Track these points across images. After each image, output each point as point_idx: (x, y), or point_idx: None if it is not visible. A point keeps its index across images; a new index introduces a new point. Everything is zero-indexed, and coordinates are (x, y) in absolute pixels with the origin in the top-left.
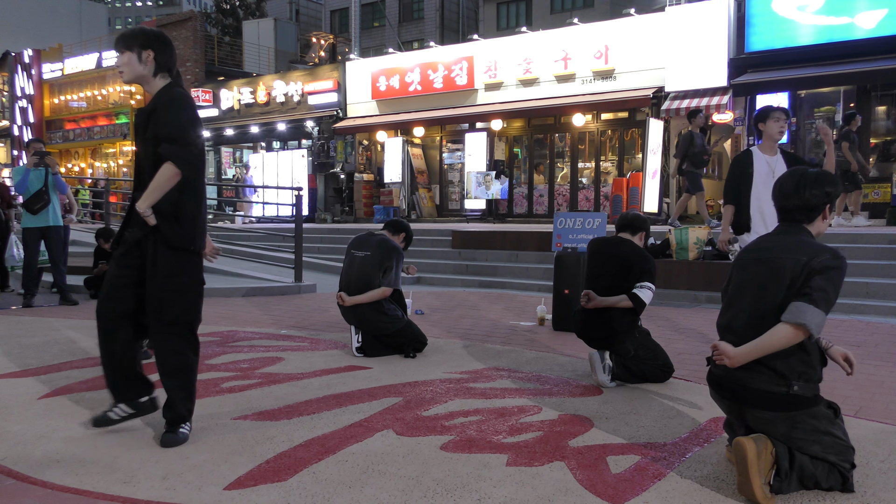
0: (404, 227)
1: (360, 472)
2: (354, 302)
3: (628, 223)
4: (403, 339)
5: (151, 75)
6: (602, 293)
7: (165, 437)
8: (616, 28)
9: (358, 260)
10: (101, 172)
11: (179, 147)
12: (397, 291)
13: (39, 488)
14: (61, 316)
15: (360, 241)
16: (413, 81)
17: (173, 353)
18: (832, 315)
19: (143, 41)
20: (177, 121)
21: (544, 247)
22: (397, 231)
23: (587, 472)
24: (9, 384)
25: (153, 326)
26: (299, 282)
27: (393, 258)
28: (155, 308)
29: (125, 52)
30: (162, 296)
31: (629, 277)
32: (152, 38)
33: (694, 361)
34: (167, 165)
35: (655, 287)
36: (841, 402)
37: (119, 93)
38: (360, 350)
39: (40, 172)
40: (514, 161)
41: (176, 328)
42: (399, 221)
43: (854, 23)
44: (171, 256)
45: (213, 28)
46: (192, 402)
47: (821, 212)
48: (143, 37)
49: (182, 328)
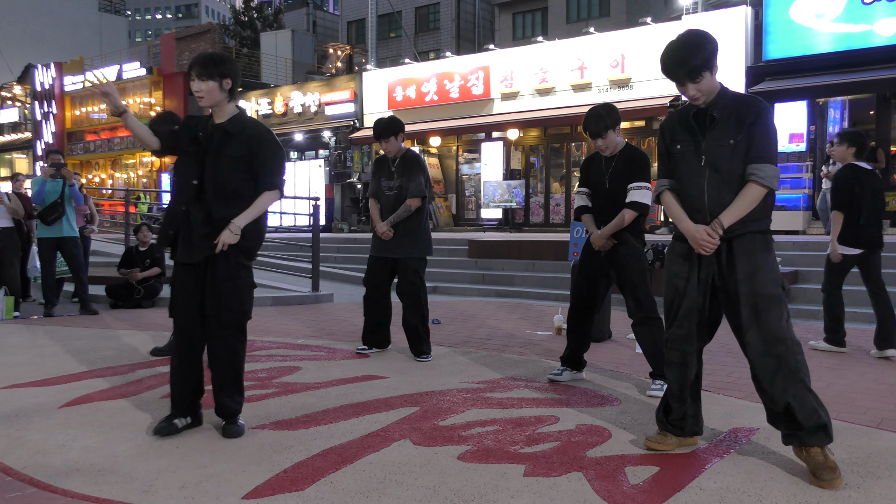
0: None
1: (378, 482)
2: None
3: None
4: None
5: (227, 101)
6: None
7: (229, 429)
8: (632, 37)
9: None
10: (120, 183)
11: (278, 180)
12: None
13: (60, 497)
14: (81, 325)
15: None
16: (429, 91)
17: (230, 351)
18: (856, 325)
19: (223, 70)
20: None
21: (561, 256)
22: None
23: (605, 483)
24: (30, 393)
25: (212, 328)
26: (316, 291)
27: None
28: (214, 311)
29: (207, 81)
30: (220, 300)
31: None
32: (231, 68)
33: (714, 372)
34: (271, 194)
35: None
36: (862, 414)
37: (139, 104)
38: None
39: (57, 184)
40: (530, 170)
41: (231, 329)
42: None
43: (873, 30)
44: (234, 264)
45: (231, 40)
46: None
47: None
48: (223, 66)
49: (236, 328)
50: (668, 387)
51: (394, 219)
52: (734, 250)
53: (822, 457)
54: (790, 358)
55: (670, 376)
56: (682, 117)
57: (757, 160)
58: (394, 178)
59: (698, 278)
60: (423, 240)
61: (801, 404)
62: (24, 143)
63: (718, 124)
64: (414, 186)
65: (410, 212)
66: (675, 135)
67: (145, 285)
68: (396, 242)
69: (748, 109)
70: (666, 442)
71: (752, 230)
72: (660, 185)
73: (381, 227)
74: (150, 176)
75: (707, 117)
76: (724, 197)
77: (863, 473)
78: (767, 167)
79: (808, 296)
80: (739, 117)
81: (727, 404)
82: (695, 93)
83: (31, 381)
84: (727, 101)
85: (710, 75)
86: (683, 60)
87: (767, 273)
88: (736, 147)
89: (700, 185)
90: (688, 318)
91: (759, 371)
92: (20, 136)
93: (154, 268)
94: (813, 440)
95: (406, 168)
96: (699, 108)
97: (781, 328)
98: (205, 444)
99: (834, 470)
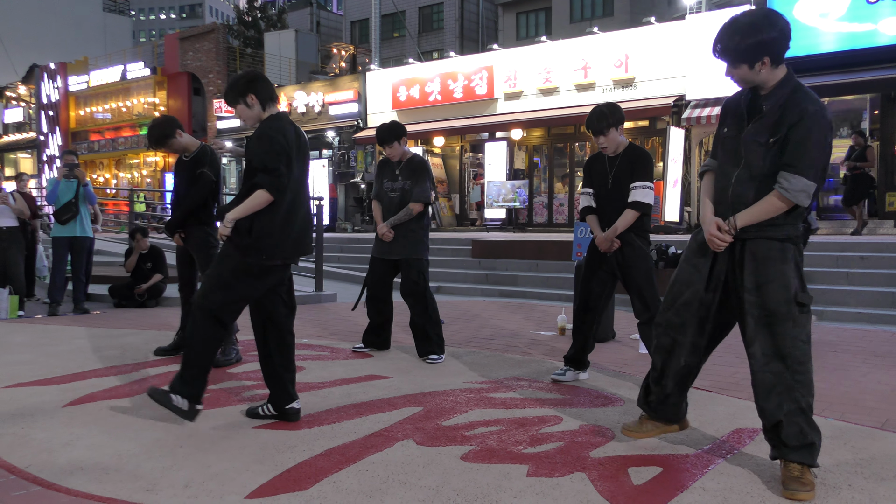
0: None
1: (381, 481)
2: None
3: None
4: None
5: (262, 111)
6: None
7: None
8: (636, 37)
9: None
10: (124, 183)
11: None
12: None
13: (64, 495)
14: (85, 325)
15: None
16: (433, 91)
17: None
18: (859, 326)
19: (241, 90)
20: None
21: (564, 256)
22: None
23: (608, 484)
24: (34, 392)
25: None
26: (320, 291)
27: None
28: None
29: (235, 107)
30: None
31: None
32: (248, 84)
33: (717, 372)
34: (261, 192)
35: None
36: (867, 414)
37: (143, 104)
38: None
39: (71, 184)
40: (533, 170)
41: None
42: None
43: (878, 29)
44: (221, 255)
45: (235, 40)
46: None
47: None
48: (241, 86)
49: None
50: (652, 370)
51: (395, 221)
52: (746, 254)
53: (799, 472)
54: (788, 377)
55: (655, 359)
56: (741, 99)
57: (788, 168)
58: (397, 180)
59: (711, 272)
60: (422, 241)
61: (789, 424)
62: (29, 142)
63: (764, 118)
64: (419, 191)
65: (412, 216)
66: (727, 117)
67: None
68: (396, 244)
69: (794, 109)
70: (643, 429)
71: (769, 235)
72: (704, 165)
73: (381, 229)
74: (154, 175)
75: (756, 108)
76: (748, 195)
77: (866, 475)
78: (797, 179)
79: (814, 296)
80: (784, 115)
81: (730, 405)
82: (753, 77)
83: (35, 380)
84: (783, 95)
85: (770, 65)
86: (741, 40)
87: (778, 286)
88: (772, 147)
89: (729, 176)
90: (687, 308)
91: (757, 384)
92: (25, 135)
93: (156, 275)
94: (794, 455)
95: (411, 171)
96: (754, 95)
97: (786, 346)
98: (208, 444)
99: (805, 485)
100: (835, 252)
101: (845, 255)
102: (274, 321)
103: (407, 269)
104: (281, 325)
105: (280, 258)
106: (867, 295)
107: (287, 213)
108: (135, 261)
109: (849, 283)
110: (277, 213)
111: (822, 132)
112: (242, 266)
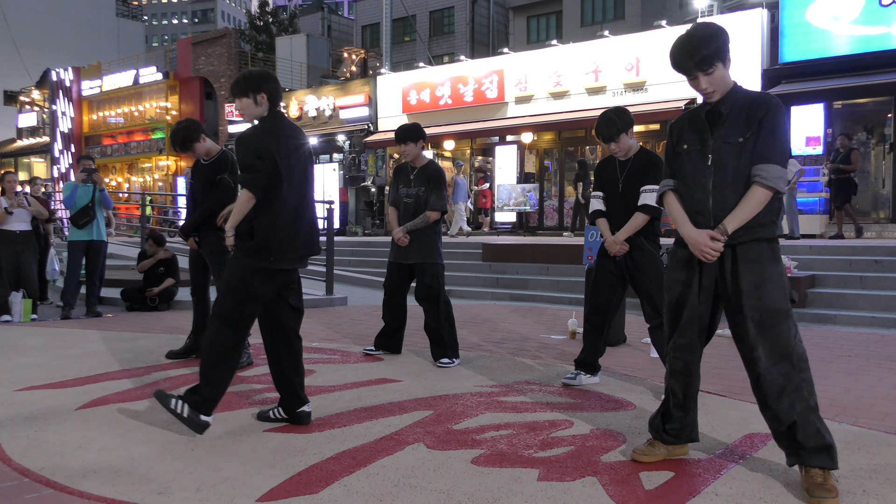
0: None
1: (391, 485)
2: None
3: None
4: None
5: (265, 112)
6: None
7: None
8: (647, 40)
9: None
10: (137, 186)
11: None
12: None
13: (77, 498)
14: (98, 328)
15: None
16: (443, 95)
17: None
18: (874, 330)
19: (255, 85)
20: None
21: (575, 260)
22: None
23: (619, 488)
24: (47, 395)
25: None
26: (331, 294)
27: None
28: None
29: (241, 98)
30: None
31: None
32: (264, 81)
33: (728, 376)
34: (242, 192)
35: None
36: (881, 420)
37: (155, 109)
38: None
39: (88, 188)
40: (544, 174)
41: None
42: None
43: (891, 32)
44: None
45: (246, 44)
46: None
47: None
48: (254, 81)
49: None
50: (672, 397)
51: (411, 227)
52: (739, 259)
53: (822, 478)
54: (795, 376)
55: (674, 386)
56: (692, 116)
57: (761, 160)
58: (412, 186)
59: (700, 285)
60: (436, 246)
61: (805, 423)
62: (43, 147)
63: (728, 121)
64: (435, 200)
65: (428, 223)
66: (682, 134)
67: (160, 290)
68: (412, 248)
69: (759, 106)
70: (654, 453)
71: (758, 237)
72: (663, 186)
73: (397, 233)
74: (167, 179)
75: (716, 114)
76: (730, 200)
77: (881, 480)
78: (771, 167)
79: (825, 300)
80: (750, 114)
81: (742, 409)
82: (707, 86)
83: (48, 383)
84: (738, 98)
85: (723, 67)
86: (694, 50)
87: (775, 285)
88: (744, 145)
89: (705, 187)
90: (689, 328)
91: (765, 388)
92: (38, 140)
93: (168, 279)
94: (815, 460)
95: (428, 179)
96: (711, 106)
97: (789, 344)
98: (220, 447)
99: (830, 491)
100: (848, 256)
101: (859, 258)
102: (281, 325)
103: (422, 274)
104: (288, 329)
105: (288, 260)
106: (882, 299)
107: (292, 214)
108: (150, 264)
109: (863, 287)
110: (279, 215)
111: (784, 121)
112: (250, 269)
